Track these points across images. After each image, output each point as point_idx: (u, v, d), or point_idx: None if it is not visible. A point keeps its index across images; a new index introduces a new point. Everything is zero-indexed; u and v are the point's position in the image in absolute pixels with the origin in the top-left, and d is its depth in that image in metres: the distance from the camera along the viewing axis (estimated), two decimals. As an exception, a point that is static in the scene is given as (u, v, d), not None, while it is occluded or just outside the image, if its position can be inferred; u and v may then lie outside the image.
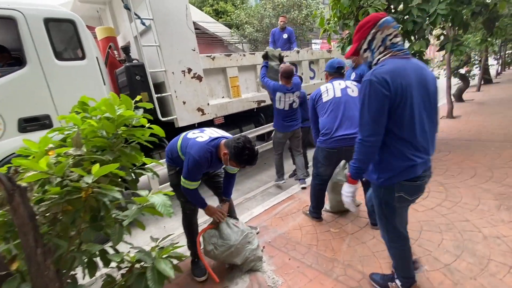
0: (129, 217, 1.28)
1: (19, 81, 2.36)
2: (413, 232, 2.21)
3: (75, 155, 1.46)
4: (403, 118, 1.26)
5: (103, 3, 3.94)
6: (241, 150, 1.74)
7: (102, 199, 1.36)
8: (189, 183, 1.85)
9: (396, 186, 1.35)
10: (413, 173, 1.32)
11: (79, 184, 1.27)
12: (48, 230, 1.38)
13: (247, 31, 13.83)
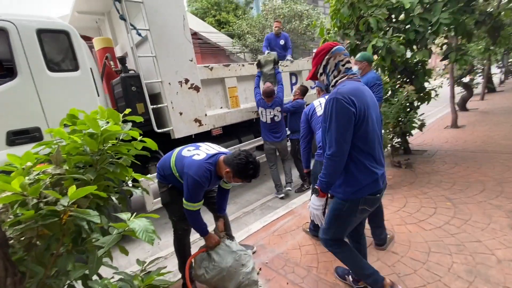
0: (106, 246, 1.16)
1: (9, 93, 2.30)
2: (421, 253, 2.07)
3: (54, 174, 1.36)
4: (367, 133, 1.39)
5: (101, 14, 3.93)
6: (244, 165, 1.68)
7: (80, 223, 1.25)
8: (192, 205, 1.78)
9: (361, 200, 1.46)
10: (377, 186, 1.46)
11: (53, 207, 1.16)
12: (23, 256, 1.27)
13: (249, 40, 13.95)
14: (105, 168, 1.46)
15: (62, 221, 1.27)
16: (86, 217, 1.20)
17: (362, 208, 1.49)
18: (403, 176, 3.68)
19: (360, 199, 1.46)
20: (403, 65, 4.00)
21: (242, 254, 1.90)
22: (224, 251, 1.87)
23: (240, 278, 1.81)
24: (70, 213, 1.24)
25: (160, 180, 2.03)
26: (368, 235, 2.33)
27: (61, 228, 1.31)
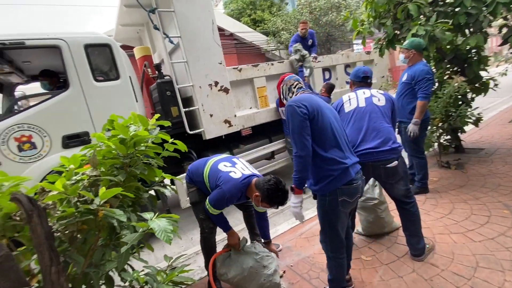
0: (130, 242, 1.26)
1: (63, 102, 2.64)
2: (466, 268, 1.83)
3: (91, 175, 1.53)
4: (325, 129, 1.55)
5: (141, 25, 4.25)
6: (273, 191, 1.74)
7: (110, 221, 1.38)
8: (213, 210, 1.91)
9: (338, 191, 1.54)
10: (348, 176, 1.54)
11: (87, 206, 1.31)
12: (67, 247, 1.46)
13: (283, 37, 13.79)
14: (132, 171, 1.59)
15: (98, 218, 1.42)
16: (114, 216, 1.32)
17: (342, 200, 1.56)
18: (451, 178, 3.29)
19: (337, 190, 1.55)
20: (452, 53, 3.56)
21: (264, 255, 1.90)
22: (246, 252, 1.90)
23: (262, 280, 1.82)
24: (102, 212, 1.38)
25: (189, 182, 2.16)
26: (403, 243, 2.15)
27: (97, 224, 1.46)
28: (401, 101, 2.96)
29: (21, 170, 2.44)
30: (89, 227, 1.45)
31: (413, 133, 2.79)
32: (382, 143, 1.90)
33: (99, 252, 1.46)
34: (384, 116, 2.00)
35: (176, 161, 3.63)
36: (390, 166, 1.90)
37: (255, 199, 1.81)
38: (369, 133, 1.95)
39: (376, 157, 1.89)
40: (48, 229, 1.24)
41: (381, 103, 2.04)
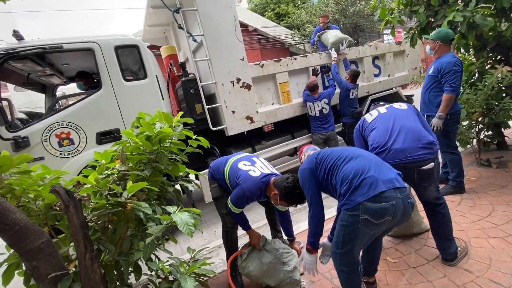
0: (154, 234, 1.33)
1: (96, 101, 2.83)
2: (505, 276, 1.68)
3: (120, 170, 1.62)
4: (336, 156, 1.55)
5: (167, 25, 4.39)
6: (291, 189, 1.75)
7: (137, 213, 1.47)
8: (234, 209, 1.96)
9: (361, 207, 1.33)
10: (374, 188, 1.32)
11: (116, 198, 1.40)
12: (100, 236, 1.58)
13: (308, 30, 13.46)
14: (157, 166, 1.66)
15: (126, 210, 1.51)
16: (141, 208, 1.40)
17: (365, 219, 1.35)
18: (492, 177, 3.02)
19: (360, 206, 1.36)
20: (495, 41, 3.23)
21: (284, 252, 1.91)
22: (267, 248, 1.91)
23: (281, 276, 1.83)
24: (130, 204, 1.46)
25: (211, 178, 2.24)
26: (433, 246, 2.03)
27: (125, 216, 1.56)
28: (428, 95, 2.78)
29: (61, 164, 2.66)
30: (118, 218, 1.55)
31: (437, 127, 2.62)
32: (414, 141, 1.76)
33: (128, 242, 1.56)
34: (410, 116, 1.90)
35: (200, 157, 3.73)
36: (425, 168, 1.72)
37: (274, 197, 1.82)
38: (400, 132, 1.82)
39: (409, 157, 1.73)
40: (83, 219, 1.35)
41: (403, 107, 2.00)
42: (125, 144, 1.71)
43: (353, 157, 1.49)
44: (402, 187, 1.39)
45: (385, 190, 1.32)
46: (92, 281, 1.36)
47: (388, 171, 1.43)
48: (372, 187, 1.33)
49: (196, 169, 2.41)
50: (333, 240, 1.53)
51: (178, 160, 1.85)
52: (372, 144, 1.92)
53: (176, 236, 3.33)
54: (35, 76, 3.43)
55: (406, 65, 5.36)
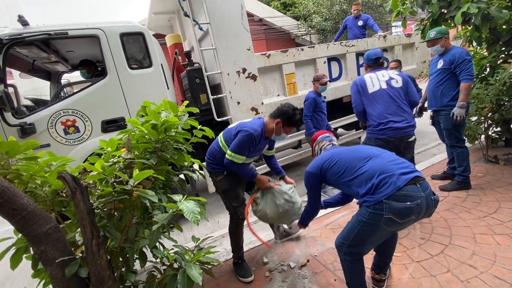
0: (160, 222, 1.33)
1: (102, 89, 2.81)
2: (509, 272, 1.67)
3: (126, 158, 1.62)
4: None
5: (172, 13, 4.32)
6: (292, 112, 1.91)
7: (143, 201, 1.47)
8: (236, 156, 1.89)
9: (384, 206, 1.31)
10: (395, 184, 1.32)
11: (122, 186, 1.40)
12: (106, 223, 1.59)
13: (315, 21, 13.20)
14: (163, 155, 1.66)
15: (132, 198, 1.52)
16: (147, 196, 1.40)
17: (389, 218, 1.33)
18: (499, 174, 2.98)
19: (383, 204, 1.34)
20: (509, 34, 3.13)
21: (290, 193, 2.09)
22: (277, 192, 2.06)
23: (293, 217, 2.05)
24: (136, 192, 1.47)
25: (213, 169, 2.10)
26: (438, 241, 2.02)
27: (131, 203, 1.57)
28: (442, 89, 2.71)
29: (66, 151, 2.67)
30: (124, 205, 1.56)
31: (460, 117, 2.57)
32: (405, 120, 2.30)
33: (134, 229, 1.57)
34: (403, 98, 2.38)
35: (204, 147, 3.73)
36: (410, 140, 2.35)
37: (277, 126, 1.92)
38: (395, 112, 2.31)
39: (402, 132, 2.29)
40: (89, 205, 1.36)
41: (399, 84, 2.38)
42: (130, 133, 1.70)
43: (369, 157, 1.50)
44: (423, 180, 1.38)
45: (407, 185, 1.32)
46: (98, 266, 1.37)
47: (405, 167, 1.42)
48: (393, 184, 1.32)
49: (200, 159, 2.41)
50: (344, 231, 1.52)
51: (183, 149, 1.85)
52: (374, 118, 2.38)
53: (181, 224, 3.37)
54: (40, 63, 3.41)
55: (415, 58, 5.25)
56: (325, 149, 1.89)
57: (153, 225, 1.50)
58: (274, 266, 2.13)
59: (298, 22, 14.42)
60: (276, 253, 2.32)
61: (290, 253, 2.27)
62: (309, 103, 3.23)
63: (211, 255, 1.69)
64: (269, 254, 2.32)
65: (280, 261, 2.19)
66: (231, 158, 1.90)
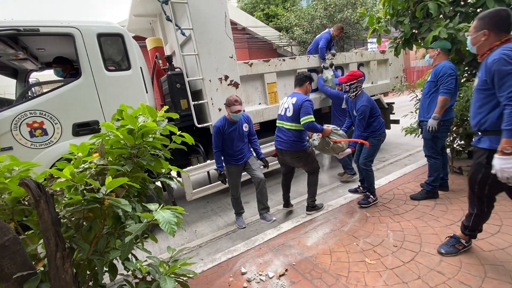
0: (134, 233, 1.27)
1: (74, 90, 2.67)
2: (474, 278, 1.78)
3: (98, 164, 1.53)
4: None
5: (154, 16, 4.25)
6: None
7: (116, 210, 1.39)
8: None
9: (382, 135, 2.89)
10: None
11: (93, 194, 1.32)
12: (73, 234, 1.48)
13: (296, 33, 13.61)
14: (139, 161, 1.59)
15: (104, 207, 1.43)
16: (120, 205, 1.32)
17: None
18: (463, 184, 3.19)
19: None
20: (471, 56, 3.42)
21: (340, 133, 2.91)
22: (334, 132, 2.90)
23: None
24: (108, 201, 1.39)
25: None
26: (410, 249, 2.10)
27: (103, 213, 1.48)
28: (428, 101, 2.86)
29: (31, 155, 2.49)
30: (94, 215, 1.46)
31: (431, 128, 2.71)
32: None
33: (104, 240, 1.48)
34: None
35: (183, 154, 3.65)
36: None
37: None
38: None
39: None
40: (55, 215, 1.26)
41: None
42: (104, 137, 1.62)
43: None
44: None
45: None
46: (62, 281, 1.27)
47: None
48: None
49: (179, 166, 2.34)
50: (366, 155, 2.96)
51: (160, 156, 1.79)
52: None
53: (156, 234, 3.23)
54: (6, 59, 3.18)
55: (388, 74, 5.56)
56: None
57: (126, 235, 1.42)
58: (252, 277, 2.10)
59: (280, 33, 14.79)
60: (254, 263, 2.28)
61: (269, 263, 2.25)
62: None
63: (187, 266, 1.63)
64: (247, 264, 2.29)
65: (258, 271, 2.16)
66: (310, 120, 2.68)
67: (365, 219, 2.75)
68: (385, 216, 2.74)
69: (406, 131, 3.76)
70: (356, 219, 2.77)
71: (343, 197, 3.36)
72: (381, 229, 2.51)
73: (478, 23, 1.70)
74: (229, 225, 3.31)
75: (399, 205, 2.94)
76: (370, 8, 12.13)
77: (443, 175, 3.06)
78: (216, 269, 2.27)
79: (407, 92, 4.28)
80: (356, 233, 2.52)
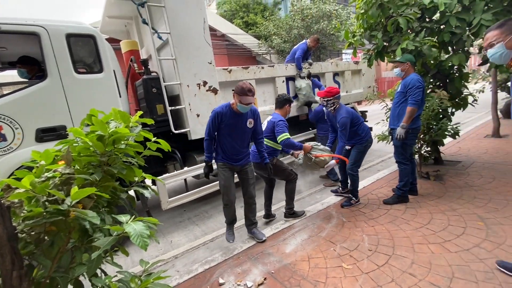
0: (102, 247, 1.18)
1: (39, 93, 2.49)
2: (442, 279, 1.87)
3: (63, 173, 1.42)
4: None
5: (129, 18, 4.12)
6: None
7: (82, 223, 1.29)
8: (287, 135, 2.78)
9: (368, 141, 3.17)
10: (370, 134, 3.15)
11: (56, 206, 1.21)
12: (33, 250, 1.35)
13: (275, 42, 13.89)
14: (109, 169, 1.50)
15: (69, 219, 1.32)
16: (86, 218, 1.23)
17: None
18: (430, 189, 3.39)
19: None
20: (436, 68, 3.69)
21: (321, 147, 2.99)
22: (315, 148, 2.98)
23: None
24: (73, 213, 1.28)
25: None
26: (383, 252, 2.17)
27: (67, 226, 1.36)
28: (398, 110, 3.03)
29: (-13, 163, 2.26)
30: (58, 228, 1.35)
31: (399, 136, 2.88)
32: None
33: (68, 255, 1.36)
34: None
35: (159, 161, 3.52)
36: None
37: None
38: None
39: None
40: (11, 229, 1.14)
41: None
42: (72, 144, 1.51)
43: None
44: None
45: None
46: (18, 303, 1.14)
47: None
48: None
49: (154, 173, 2.25)
50: (353, 160, 3.08)
51: (134, 163, 1.70)
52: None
53: (127, 247, 3.05)
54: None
55: (362, 83, 5.83)
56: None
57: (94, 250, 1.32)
58: (230, 287, 2.04)
59: (259, 41, 15.01)
60: (232, 273, 2.23)
61: (247, 272, 2.21)
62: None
63: (162, 280, 1.55)
64: (225, 274, 2.23)
65: (236, 281, 2.11)
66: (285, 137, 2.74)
67: (341, 224, 2.81)
68: (360, 221, 2.82)
69: (378, 138, 3.93)
70: (333, 224, 2.82)
71: (320, 203, 3.42)
72: (357, 234, 2.58)
73: (503, 28, 1.64)
74: (207, 234, 3.22)
75: (373, 209, 3.05)
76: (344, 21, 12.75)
77: (412, 180, 3.22)
78: (193, 281, 2.19)
79: (378, 101, 4.51)
80: (333, 238, 2.56)
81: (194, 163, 3.60)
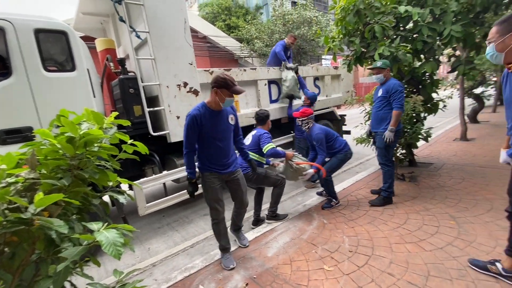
0: (69, 258, 1.09)
1: (3, 91, 2.29)
2: (419, 277, 1.93)
3: (27, 178, 1.31)
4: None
5: (106, 16, 3.95)
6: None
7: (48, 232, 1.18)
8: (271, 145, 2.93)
9: (348, 152, 3.33)
10: (348, 147, 3.37)
11: (18, 214, 1.10)
12: (-9, 263, 1.22)
13: (257, 45, 13.98)
14: (79, 174, 1.40)
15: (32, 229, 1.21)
16: (52, 227, 1.13)
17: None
18: (406, 190, 3.52)
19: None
20: (409, 75, 3.87)
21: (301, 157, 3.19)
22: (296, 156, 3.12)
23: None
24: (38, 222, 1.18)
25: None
26: (363, 253, 2.20)
27: (31, 236, 1.25)
28: (380, 114, 3.12)
29: None
30: (20, 239, 1.23)
31: (389, 139, 2.98)
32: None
33: (32, 268, 1.24)
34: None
35: (136, 164, 3.37)
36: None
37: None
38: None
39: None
40: (-37, 242, 1.02)
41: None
42: (38, 146, 1.39)
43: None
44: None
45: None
46: (-30, 325, 1.02)
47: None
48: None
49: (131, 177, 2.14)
50: (328, 166, 3.18)
51: (108, 167, 1.60)
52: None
53: (101, 256, 2.88)
54: None
55: (341, 88, 5.99)
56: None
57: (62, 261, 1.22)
58: (211, 294, 1.98)
59: (241, 44, 15.04)
60: (213, 280, 2.16)
61: (229, 278, 2.16)
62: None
63: (137, 291, 1.46)
64: (205, 281, 2.16)
65: (217, 288, 2.05)
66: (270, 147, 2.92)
67: (322, 226, 2.84)
68: (341, 222, 2.86)
69: (357, 141, 4.04)
70: (315, 226, 2.84)
71: (302, 205, 3.44)
72: (338, 235, 2.61)
73: (501, 27, 1.53)
74: (187, 240, 3.12)
75: (353, 211, 3.11)
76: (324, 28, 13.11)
77: None
78: (172, 289, 2.10)
79: (357, 106, 4.65)
80: (314, 240, 2.57)
81: (173, 166, 3.49)
